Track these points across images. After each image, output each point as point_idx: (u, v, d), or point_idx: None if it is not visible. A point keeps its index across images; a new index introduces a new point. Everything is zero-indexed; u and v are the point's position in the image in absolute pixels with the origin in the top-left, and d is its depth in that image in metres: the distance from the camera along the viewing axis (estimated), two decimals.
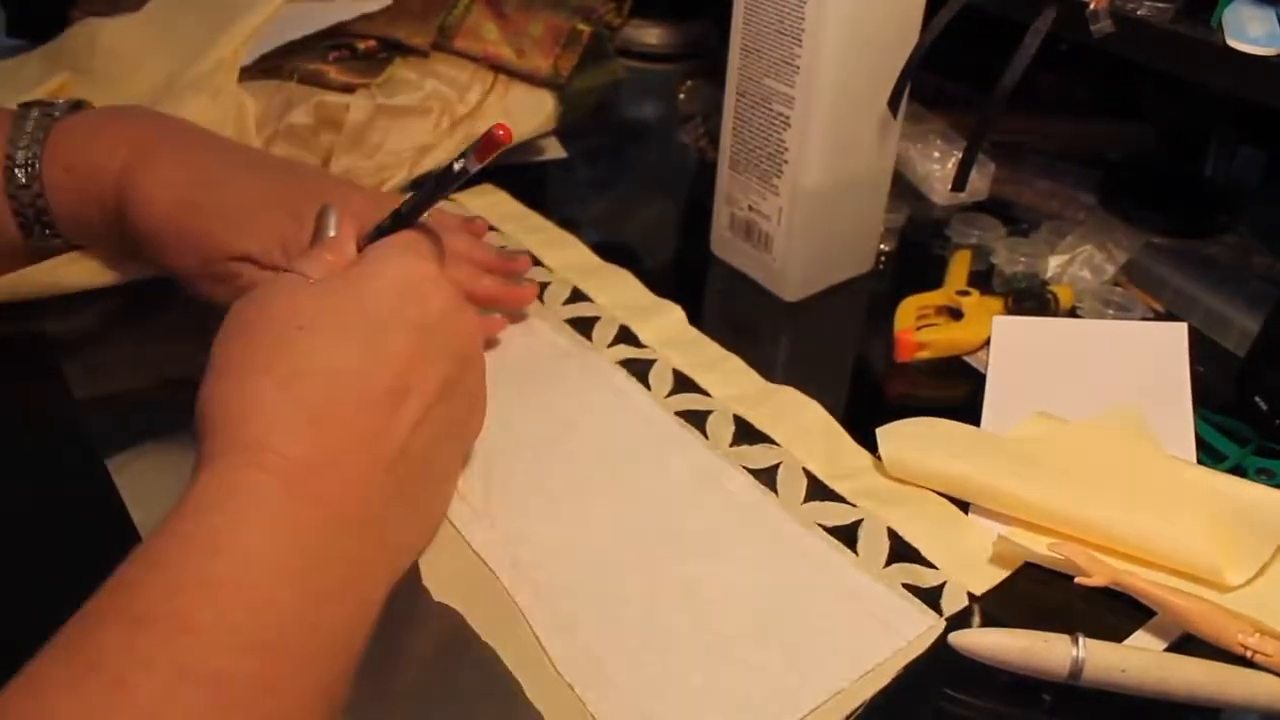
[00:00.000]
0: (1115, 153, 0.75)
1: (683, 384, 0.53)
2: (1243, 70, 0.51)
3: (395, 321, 0.38)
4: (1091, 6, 0.54)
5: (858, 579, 0.42)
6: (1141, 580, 0.41)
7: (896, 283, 0.63)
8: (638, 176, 0.76)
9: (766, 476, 0.47)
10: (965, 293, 0.59)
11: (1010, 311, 0.58)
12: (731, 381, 0.53)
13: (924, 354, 0.56)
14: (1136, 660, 0.39)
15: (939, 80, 0.76)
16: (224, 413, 0.34)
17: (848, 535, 0.44)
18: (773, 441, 0.49)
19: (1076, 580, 0.41)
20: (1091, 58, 0.57)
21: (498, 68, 0.70)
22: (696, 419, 0.50)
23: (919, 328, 0.57)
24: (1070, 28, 0.54)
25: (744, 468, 0.47)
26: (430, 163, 0.66)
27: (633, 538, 0.44)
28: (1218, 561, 0.42)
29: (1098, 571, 0.41)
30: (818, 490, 0.47)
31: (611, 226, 0.69)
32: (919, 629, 0.40)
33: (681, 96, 0.83)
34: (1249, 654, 0.39)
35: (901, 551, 0.44)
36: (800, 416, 0.51)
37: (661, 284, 0.65)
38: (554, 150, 0.74)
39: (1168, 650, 0.40)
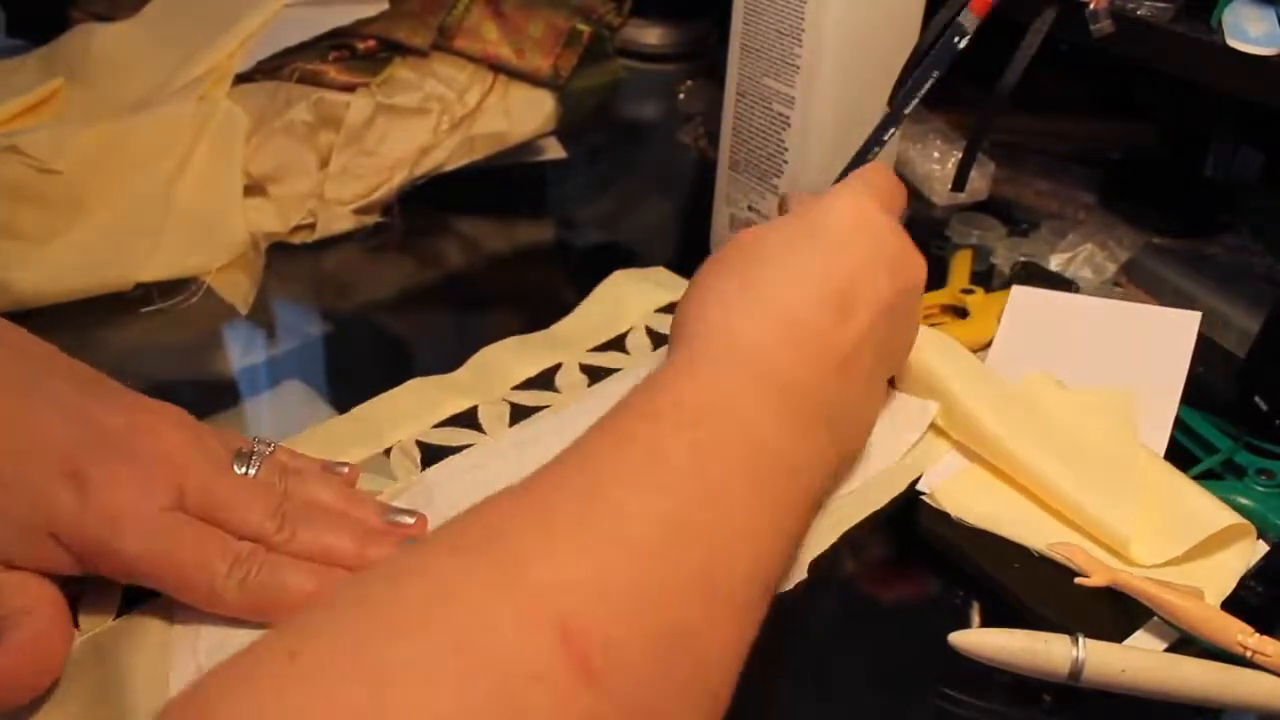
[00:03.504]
0: (1115, 152, 0.75)
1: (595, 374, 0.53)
2: (1243, 70, 0.51)
3: (849, 244, 0.41)
4: (1091, 6, 0.54)
5: None
6: (1141, 581, 0.41)
7: None
8: (638, 176, 0.76)
9: None
10: (969, 291, 0.59)
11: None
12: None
13: None
14: (1137, 661, 0.39)
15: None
16: (703, 323, 0.39)
17: None
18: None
19: (1076, 580, 0.41)
20: (1091, 58, 0.57)
21: (497, 68, 0.70)
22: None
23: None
24: (1070, 28, 0.54)
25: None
26: (430, 164, 0.66)
27: None
28: (1129, 535, 0.43)
29: (1097, 572, 0.41)
30: None
31: (611, 226, 0.69)
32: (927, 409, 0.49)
33: (681, 96, 0.83)
34: (1249, 654, 0.39)
35: None
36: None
37: None
38: (554, 150, 0.74)
39: (1168, 650, 0.40)
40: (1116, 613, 0.42)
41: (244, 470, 0.39)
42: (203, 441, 0.38)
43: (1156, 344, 0.53)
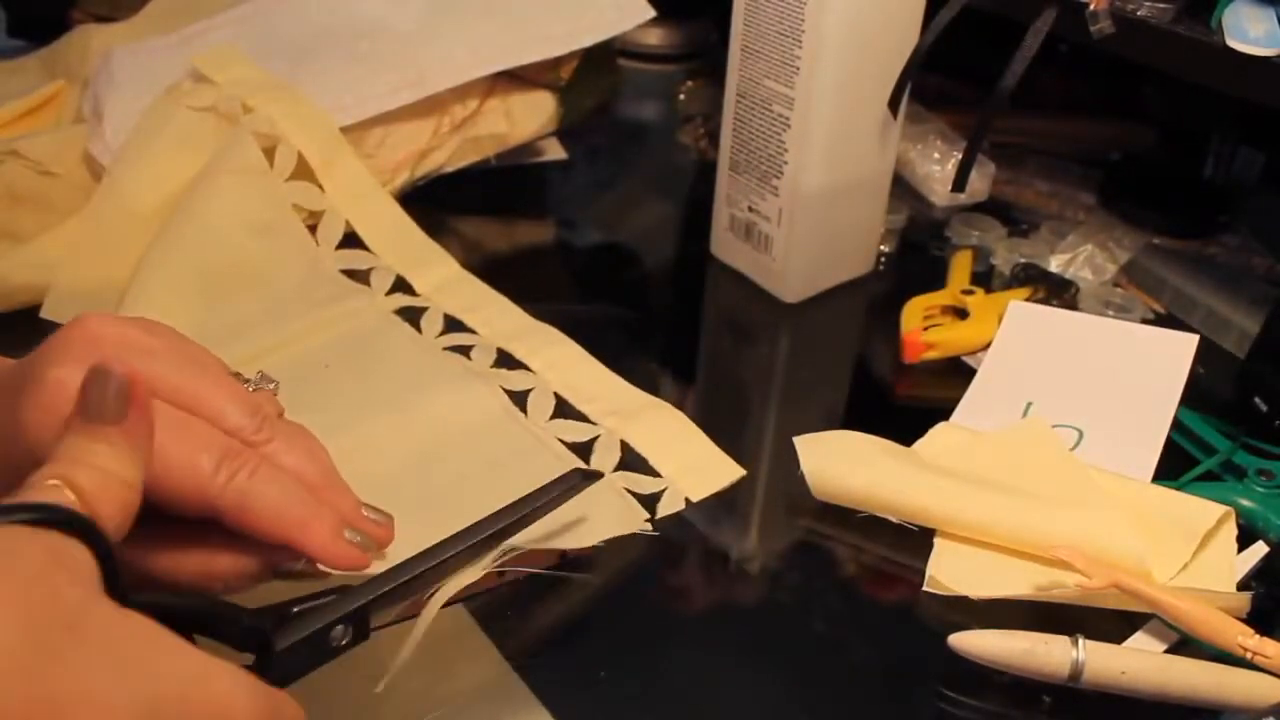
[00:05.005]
0: (1115, 153, 0.75)
1: (452, 325, 0.56)
2: (1243, 70, 0.51)
3: None
4: (1091, 6, 0.54)
5: None
6: (1140, 583, 0.41)
7: (897, 284, 0.63)
8: (638, 177, 0.76)
9: (519, 398, 0.51)
10: (970, 291, 0.59)
11: (1034, 299, 0.58)
12: (499, 319, 0.56)
13: (931, 354, 0.56)
14: (1136, 662, 0.39)
15: (939, 80, 0.76)
16: None
17: (584, 449, 0.48)
18: (530, 369, 0.53)
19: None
20: (1091, 58, 0.57)
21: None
22: (464, 352, 0.54)
23: (925, 328, 0.57)
24: (1070, 28, 0.54)
25: (501, 388, 0.51)
26: (430, 165, 0.66)
27: (388, 449, 0.46)
28: (1147, 563, 0.42)
29: (1097, 574, 0.41)
30: (564, 410, 0.50)
31: (611, 227, 0.69)
32: (625, 520, 0.44)
33: (681, 97, 0.83)
34: (1248, 655, 0.39)
35: (630, 461, 0.48)
36: (557, 349, 0.54)
37: (661, 285, 0.65)
38: (554, 151, 0.74)
39: (1167, 652, 0.41)
40: (1116, 614, 0.42)
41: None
42: (179, 345, 0.34)
43: (1152, 365, 0.52)
